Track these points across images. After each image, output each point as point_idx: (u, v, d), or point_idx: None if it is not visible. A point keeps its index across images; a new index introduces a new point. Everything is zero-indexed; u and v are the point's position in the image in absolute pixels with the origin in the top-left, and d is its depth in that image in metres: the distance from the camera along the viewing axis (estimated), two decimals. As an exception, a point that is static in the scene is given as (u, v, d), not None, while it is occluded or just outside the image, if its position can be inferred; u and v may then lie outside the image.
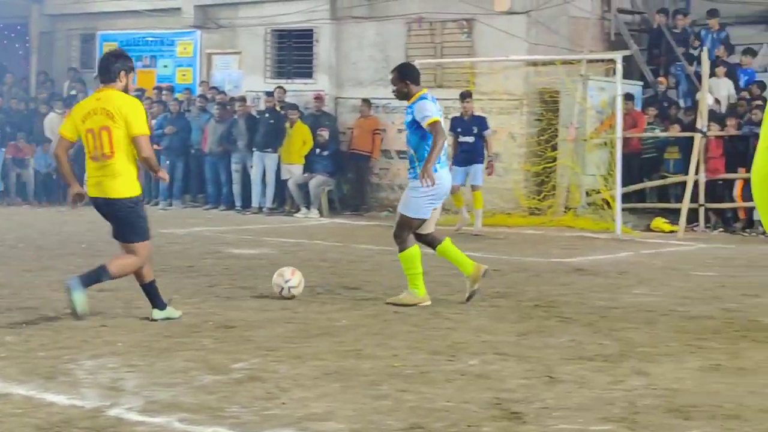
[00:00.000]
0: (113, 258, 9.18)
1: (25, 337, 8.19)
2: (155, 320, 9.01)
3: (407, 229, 10.13)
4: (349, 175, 21.99)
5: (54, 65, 27.01)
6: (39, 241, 15.24)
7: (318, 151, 21.13)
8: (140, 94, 24.12)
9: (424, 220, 10.17)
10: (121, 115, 8.72)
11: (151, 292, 9.18)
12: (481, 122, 17.87)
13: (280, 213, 21.19)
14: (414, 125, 10.09)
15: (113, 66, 8.94)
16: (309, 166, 21.13)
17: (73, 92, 24.95)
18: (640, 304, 10.40)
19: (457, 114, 18.10)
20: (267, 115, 21.38)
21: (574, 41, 20.68)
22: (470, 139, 17.42)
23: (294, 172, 21.05)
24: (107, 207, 8.98)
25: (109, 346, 7.91)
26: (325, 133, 21.04)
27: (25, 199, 23.00)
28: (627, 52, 19.60)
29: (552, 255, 14.64)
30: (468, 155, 17.38)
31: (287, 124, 21.14)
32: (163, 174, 9.36)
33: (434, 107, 10.08)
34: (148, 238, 9.11)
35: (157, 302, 9.14)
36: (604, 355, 7.88)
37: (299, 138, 21.07)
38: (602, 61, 19.61)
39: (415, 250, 10.12)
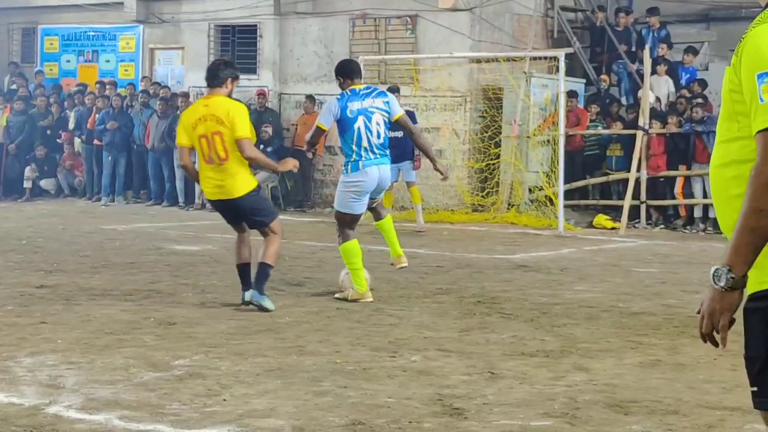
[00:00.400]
0: (263, 251, 9.65)
1: (-37, 334, 8.10)
2: (250, 301, 9.51)
3: (340, 223, 10.37)
4: (292, 171, 21.89)
5: (-6, 59, 26.71)
6: (-22, 237, 15.08)
7: (261, 147, 21.04)
8: (82, 89, 24.00)
9: (356, 216, 10.29)
10: (229, 119, 9.31)
11: (244, 273, 9.74)
12: (410, 117, 17.83)
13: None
14: None
15: (222, 72, 9.54)
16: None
17: (14, 86, 24.69)
18: (581, 300, 10.47)
19: None
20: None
21: (518, 38, 20.76)
22: (399, 134, 17.29)
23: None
24: (232, 206, 9.59)
25: (49, 343, 7.84)
26: (269, 129, 20.97)
27: (-35, 195, 22.77)
28: (570, 50, 19.69)
29: (495, 251, 14.69)
30: (398, 151, 17.14)
31: (230, 120, 21.04)
32: (287, 164, 10.26)
33: (329, 112, 10.25)
34: (277, 214, 9.89)
35: (261, 286, 9.59)
36: (545, 351, 7.93)
37: (242, 134, 20.97)
38: (545, 58, 19.70)
39: (352, 244, 10.18)
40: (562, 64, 17.92)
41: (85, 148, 23.02)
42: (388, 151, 10.44)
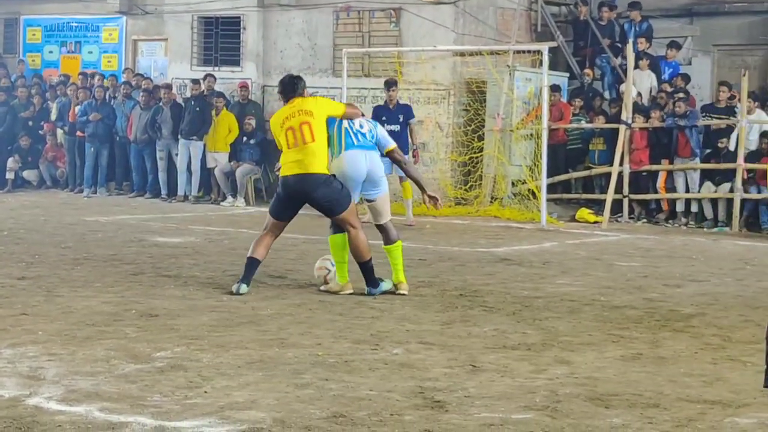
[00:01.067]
0: (353, 252, 10.12)
1: (-57, 325, 8.07)
2: (372, 295, 9.98)
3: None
4: (275, 163, 21.86)
5: (-24, 50, 26.58)
6: (-41, 229, 15.03)
7: (245, 139, 21.03)
8: (65, 79, 23.90)
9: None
10: (318, 109, 10.19)
11: (365, 271, 10.15)
12: (407, 111, 17.89)
13: (206, 201, 21.06)
14: None
15: (298, 86, 10.43)
16: (235, 155, 21.02)
17: (-5, 77, 24.59)
18: (563, 293, 10.48)
19: (381, 103, 18.10)
20: (193, 102, 21.21)
21: (501, 32, 20.76)
22: (395, 128, 17.35)
23: (219, 160, 20.94)
24: (306, 181, 10.00)
25: (30, 334, 7.82)
26: (252, 122, 20.94)
27: (-54, 186, 22.66)
28: (553, 44, 19.70)
29: (477, 245, 14.71)
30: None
31: (213, 112, 21.02)
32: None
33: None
34: (350, 201, 10.16)
35: (372, 281, 10.13)
36: (527, 344, 7.94)
37: (225, 126, 20.96)
38: (529, 52, 19.70)
39: (342, 237, 10.17)
40: (545, 58, 17.93)
41: (67, 139, 22.94)
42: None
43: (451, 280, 11.26)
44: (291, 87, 10.44)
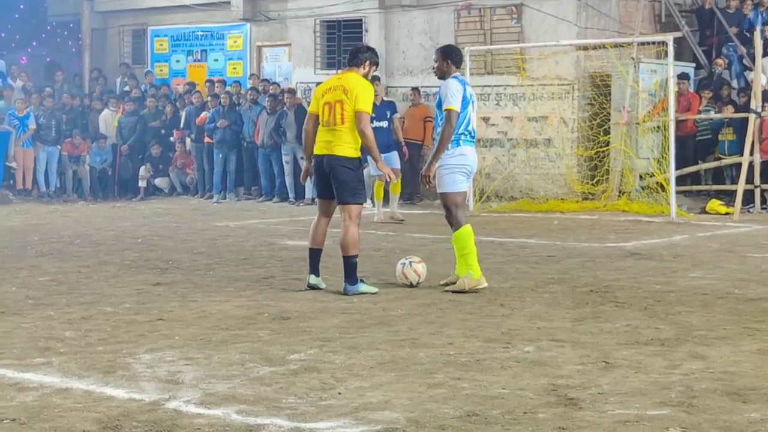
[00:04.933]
0: (341, 243, 10.04)
1: (83, 332, 8.27)
2: (346, 294, 9.91)
3: (453, 206, 10.28)
4: (401, 163, 21.95)
5: (106, 61, 27.21)
6: (95, 237, 15.38)
7: (370, 140, 21.13)
8: (191, 88, 24.33)
9: (465, 194, 10.26)
10: (354, 92, 9.99)
11: (346, 265, 10.06)
12: (392, 107, 18.04)
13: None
14: (439, 106, 10.25)
15: (363, 54, 10.28)
16: (361, 156, 21.14)
17: (126, 88, 25.14)
18: (696, 287, 10.33)
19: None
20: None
21: (625, 24, 20.55)
22: (384, 124, 17.38)
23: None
24: (331, 162, 10.06)
25: (167, 339, 7.98)
26: (376, 123, 21.05)
27: (81, 196, 23.23)
28: (678, 34, 19.45)
29: (606, 240, 14.57)
30: (386, 141, 17.10)
31: (339, 115, 21.16)
32: (385, 168, 10.64)
33: (456, 92, 10.13)
34: (363, 201, 10.28)
35: (351, 278, 10.02)
36: (660, 339, 7.85)
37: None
38: (653, 43, 19.46)
39: (467, 229, 10.16)
40: (671, 49, 17.68)
41: (195, 146, 23.34)
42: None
43: (581, 276, 11.18)
44: (353, 54, 10.35)
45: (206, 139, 22.83)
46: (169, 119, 24.10)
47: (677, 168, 17.76)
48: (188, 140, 23.66)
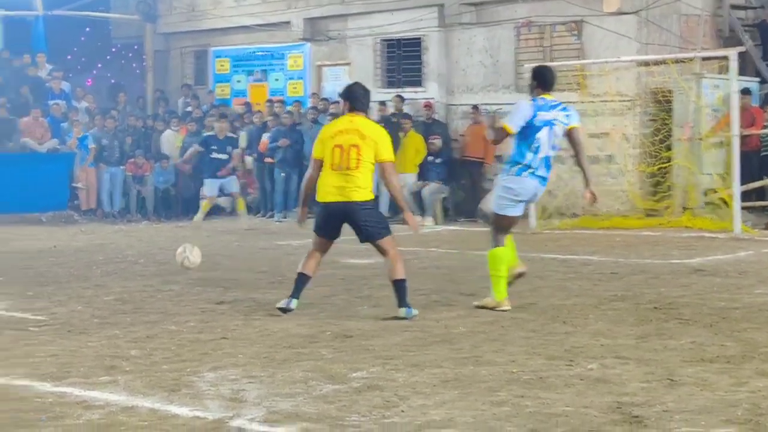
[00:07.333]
0: (390, 271, 9.91)
1: (148, 350, 8.34)
2: (403, 318, 9.63)
3: (494, 227, 10.28)
4: (462, 181, 21.97)
5: (169, 82, 27.51)
6: (159, 257, 15.49)
7: (431, 158, 21.16)
8: (248, 108, 24.50)
9: (513, 219, 10.20)
10: (373, 138, 9.77)
11: (400, 289, 9.86)
12: (234, 142, 21.39)
13: (395, 221, 21.22)
14: None
15: (366, 99, 10.13)
16: (422, 174, 21.17)
17: (189, 108, 25.35)
18: (761, 303, 10.22)
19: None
20: (381, 124, 21.43)
21: (686, 39, 20.41)
22: (224, 156, 20.75)
23: (408, 181, 21.10)
24: (346, 210, 9.84)
25: (230, 357, 8.02)
26: (437, 141, 21.07)
27: (145, 216, 23.43)
28: (741, 49, 19.26)
29: (670, 256, 14.46)
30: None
31: (401, 134, 21.19)
32: (413, 223, 10.42)
33: (517, 111, 10.08)
34: (391, 233, 10.05)
35: (403, 301, 9.81)
36: (725, 356, 7.77)
37: (412, 147, 21.13)
38: (716, 58, 19.30)
39: (502, 251, 10.15)
40: (734, 64, 17.52)
41: (256, 165, 23.47)
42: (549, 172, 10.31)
43: (645, 293, 11.09)
44: (357, 98, 10.03)
45: (267, 159, 22.95)
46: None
47: (741, 183, 17.59)
48: (249, 159, 23.78)
